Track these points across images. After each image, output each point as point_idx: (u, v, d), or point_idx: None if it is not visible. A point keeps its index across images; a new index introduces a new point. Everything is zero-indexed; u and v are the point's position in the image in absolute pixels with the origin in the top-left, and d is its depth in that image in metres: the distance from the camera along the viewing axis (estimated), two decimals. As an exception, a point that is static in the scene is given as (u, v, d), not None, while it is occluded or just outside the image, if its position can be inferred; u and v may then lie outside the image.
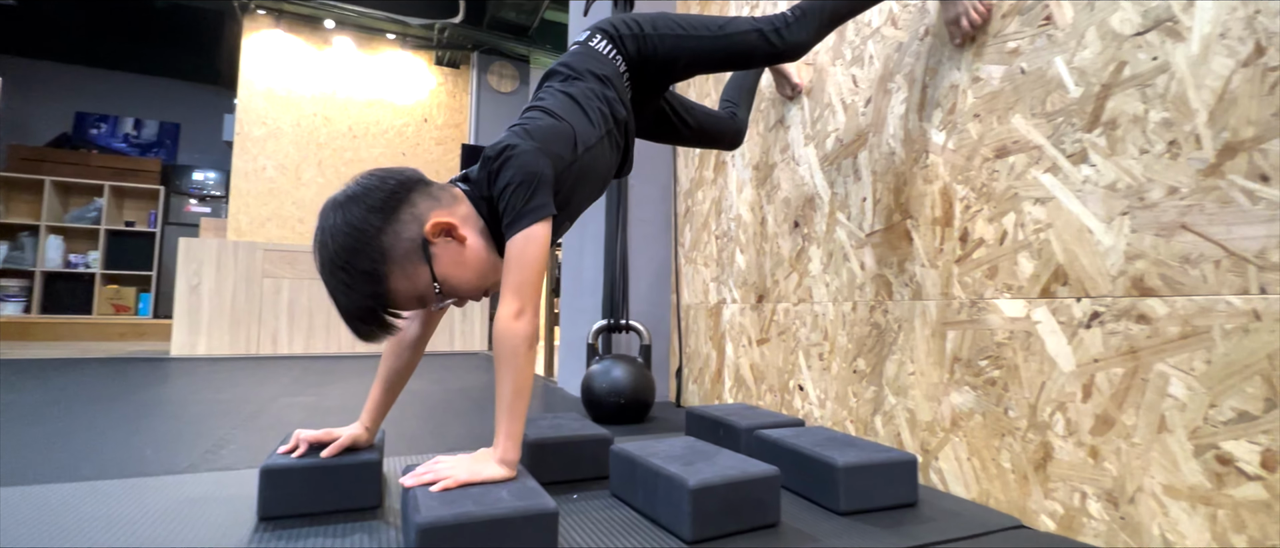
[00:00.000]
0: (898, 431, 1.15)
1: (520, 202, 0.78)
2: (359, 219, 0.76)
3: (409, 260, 0.78)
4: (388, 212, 0.77)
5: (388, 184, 0.79)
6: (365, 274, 0.76)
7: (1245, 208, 0.70)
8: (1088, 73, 0.86)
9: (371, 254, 0.76)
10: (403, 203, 0.79)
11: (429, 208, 0.81)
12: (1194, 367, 0.73)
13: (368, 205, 0.77)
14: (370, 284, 0.77)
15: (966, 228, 1.03)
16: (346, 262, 0.75)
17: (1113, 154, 0.83)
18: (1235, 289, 0.70)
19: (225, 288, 3.98)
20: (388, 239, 0.77)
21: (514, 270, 0.77)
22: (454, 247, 0.81)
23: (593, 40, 1.06)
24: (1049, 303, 0.90)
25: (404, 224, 0.78)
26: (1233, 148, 0.71)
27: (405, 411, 1.89)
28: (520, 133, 0.86)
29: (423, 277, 0.79)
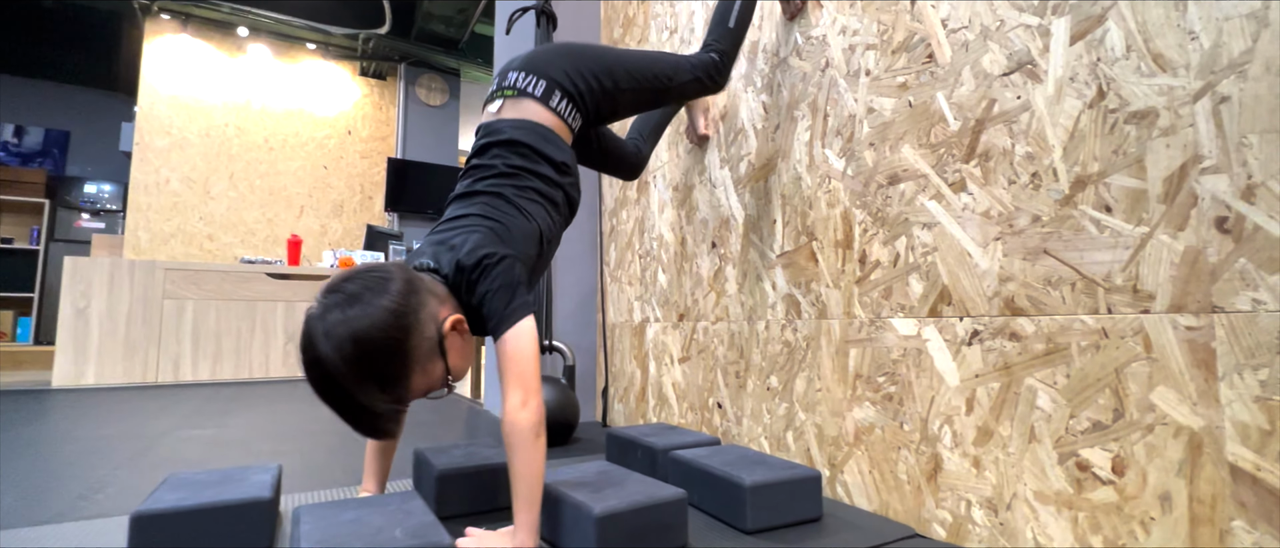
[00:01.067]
0: (808, 446, 1.19)
1: (502, 305, 0.81)
2: (387, 326, 0.73)
3: (430, 359, 0.79)
4: (413, 312, 0.77)
5: (402, 282, 0.78)
6: (392, 379, 0.75)
7: (1094, 235, 0.77)
8: (964, 108, 0.93)
9: (401, 360, 0.75)
10: (422, 305, 0.79)
11: (437, 306, 0.82)
12: (1057, 381, 0.79)
13: (395, 307, 0.75)
14: (395, 387, 0.76)
15: (865, 250, 1.09)
16: (373, 369, 0.73)
17: (986, 183, 0.89)
18: (1088, 309, 0.77)
19: (118, 311, 3.66)
20: (414, 341, 0.76)
21: (513, 364, 0.79)
22: (459, 339, 0.84)
23: (553, 99, 1.05)
24: (936, 322, 0.96)
25: (426, 325, 0.78)
26: (1083, 181, 0.78)
27: (314, 441, 1.79)
28: (492, 236, 0.90)
29: (438, 371, 0.81)
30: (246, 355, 3.95)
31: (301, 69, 5.57)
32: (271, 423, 2.10)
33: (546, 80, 1.06)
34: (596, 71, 1.09)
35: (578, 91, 1.07)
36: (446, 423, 2.09)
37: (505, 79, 1.08)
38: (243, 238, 5.23)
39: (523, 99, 1.05)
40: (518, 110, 1.04)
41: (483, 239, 0.88)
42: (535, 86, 1.05)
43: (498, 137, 1.01)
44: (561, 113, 1.06)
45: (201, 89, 5.17)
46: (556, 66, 1.08)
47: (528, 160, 1.00)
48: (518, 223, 0.94)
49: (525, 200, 0.97)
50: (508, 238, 0.91)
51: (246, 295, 3.99)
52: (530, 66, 1.08)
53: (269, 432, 1.93)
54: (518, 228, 0.94)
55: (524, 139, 1.00)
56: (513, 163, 0.99)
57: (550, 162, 1.01)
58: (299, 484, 1.28)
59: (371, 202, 5.75)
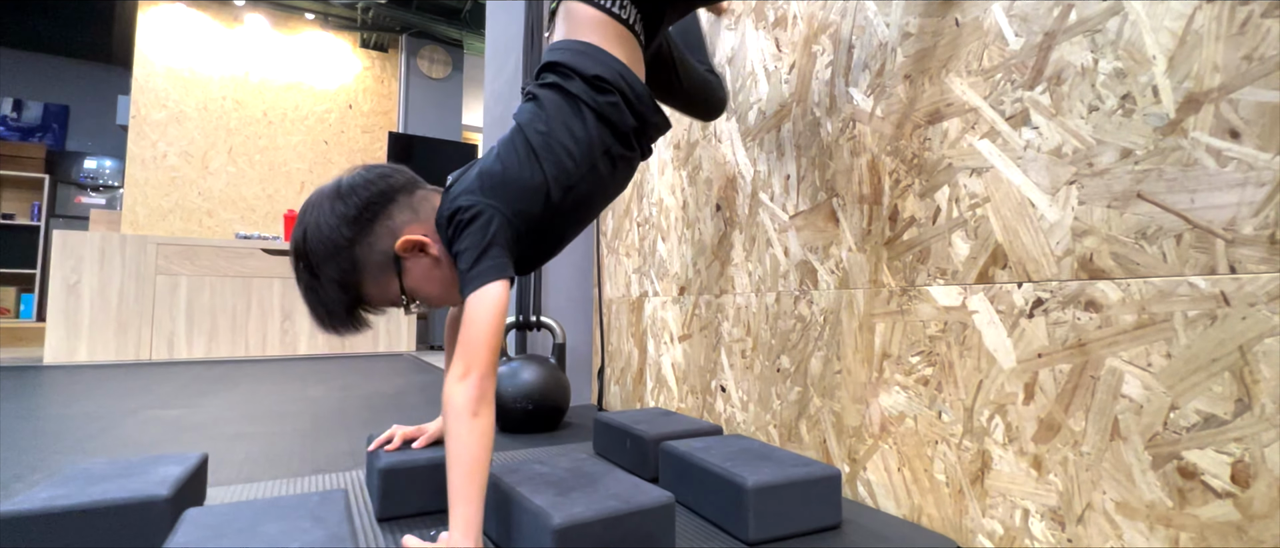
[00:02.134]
0: (823, 436, 1.02)
1: (467, 265, 0.74)
2: (332, 228, 0.76)
3: (382, 272, 0.78)
4: (362, 224, 0.76)
5: (370, 189, 0.78)
6: (334, 282, 0.76)
7: (1211, 170, 0.58)
8: (1029, 20, 0.74)
9: (341, 264, 0.76)
10: (380, 215, 0.78)
11: (405, 222, 0.79)
12: (1152, 362, 0.61)
13: (342, 215, 0.76)
14: (337, 290, 0.77)
15: (896, 206, 0.91)
16: (317, 266, 0.76)
17: (1057, 114, 0.71)
18: (1200, 268, 0.58)
19: (110, 287, 3.56)
20: (360, 251, 0.76)
21: (464, 330, 0.71)
22: (426, 261, 0.80)
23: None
24: (987, 289, 0.77)
25: (378, 237, 0.77)
26: (1196, 99, 0.59)
27: (284, 423, 1.65)
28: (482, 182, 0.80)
29: (392, 288, 0.79)
30: (242, 333, 3.84)
31: (300, 41, 5.41)
32: (248, 404, 1.97)
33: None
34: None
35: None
36: (437, 407, 1.95)
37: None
38: (243, 214, 5.12)
39: (572, 4, 0.87)
40: (567, 23, 0.88)
41: (469, 184, 0.80)
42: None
43: (539, 81, 0.87)
44: (608, 7, 0.86)
45: (198, 61, 5.03)
46: None
47: (559, 77, 0.83)
48: (519, 174, 0.80)
49: (542, 144, 0.81)
50: (497, 188, 0.79)
51: (242, 271, 3.88)
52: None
53: (242, 414, 1.80)
54: (516, 179, 0.80)
55: (557, 59, 0.85)
56: (543, 81, 0.85)
57: (580, 75, 0.82)
58: (245, 474, 1.13)
59: (373, 178, 5.60)
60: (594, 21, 0.86)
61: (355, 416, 1.79)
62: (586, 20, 0.86)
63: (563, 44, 0.86)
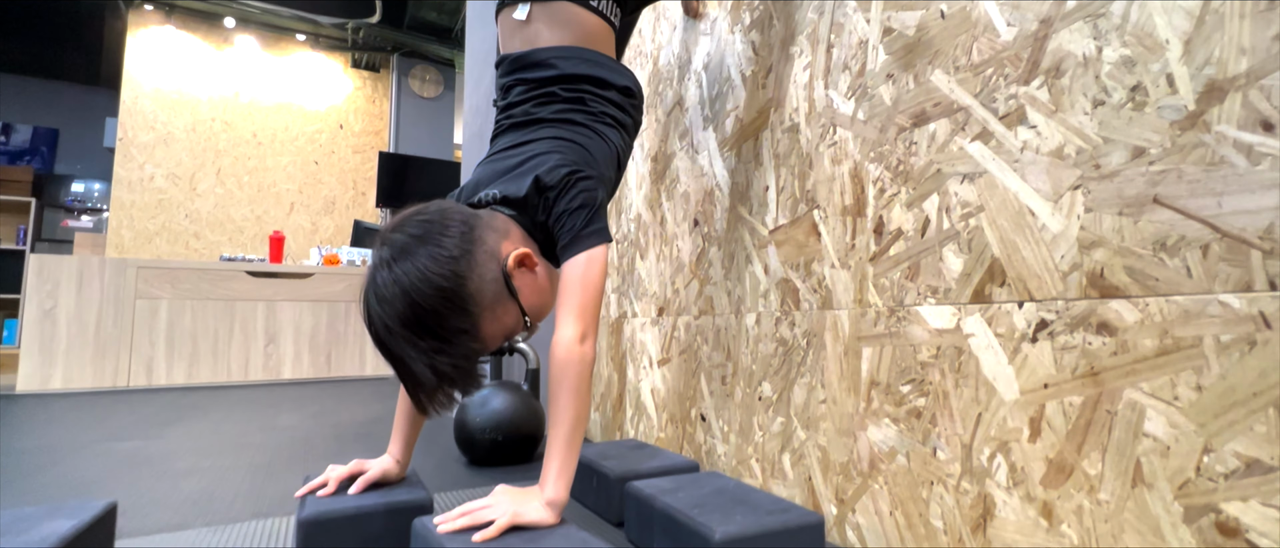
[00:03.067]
0: (808, 473, 0.92)
1: (581, 224, 0.75)
2: (437, 274, 0.67)
3: (498, 301, 0.72)
4: (466, 257, 0.70)
5: (451, 225, 0.71)
6: (461, 332, 0.68)
7: (1241, 169, 0.49)
8: (1022, 7, 0.66)
9: (463, 307, 0.68)
10: (477, 242, 0.72)
11: (497, 241, 0.75)
12: (1179, 395, 0.52)
13: (439, 255, 0.68)
14: (467, 340, 0.69)
15: (881, 217, 0.82)
16: (437, 323, 0.67)
17: (1058, 110, 0.62)
18: (1233, 284, 0.50)
19: (88, 312, 3.47)
20: (474, 285, 0.70)
21: (576, 292, 0.72)
22: (530, 276, 0.77)
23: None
24: (983, 310, 0.69)
25: (484, 265, 0.71)
26: (1219, 88, 0.51)
27: (241, 457, 1.55)
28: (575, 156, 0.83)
29: (512, 314, 0.74)
30: (224, 358, 3.74)
31: (291, 61, 5.39)
32: (211, 435, 1.87)
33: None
34: None
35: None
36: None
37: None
38: (231, 236, 5.06)
39: (575, 10, 0.92)
40: (552, 18, 0.91)
41: (565, 158, 0.81)
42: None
43: (545, 72, 0.89)
44: (604, 12, 0.94)
45: (187, 82, 5.00)
46: None
47: (595, 87, 0.91)
48: (597, 146, 0.87)
49: (600, 125, 0.89)
50: (590, 161, 0.84)
51: (224, 295, 3.79)
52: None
53: (200, 446, 1.70)
54: (598, 151, 0.87)
55: (581, 72, 0.90)
56: (578, 90, 0.89)
57: (615, 88, 0.92)
58: (177, 520, 1.03)
59: (365, 198, 5.55)
60: (597, 28, 0.93)
61: (320, 448, 1.69)
62: (589, 26, 0.92)
63: (579, 54, 0.91)
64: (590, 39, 0.92)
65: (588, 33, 0.92)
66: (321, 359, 3.99)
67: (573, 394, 0.71)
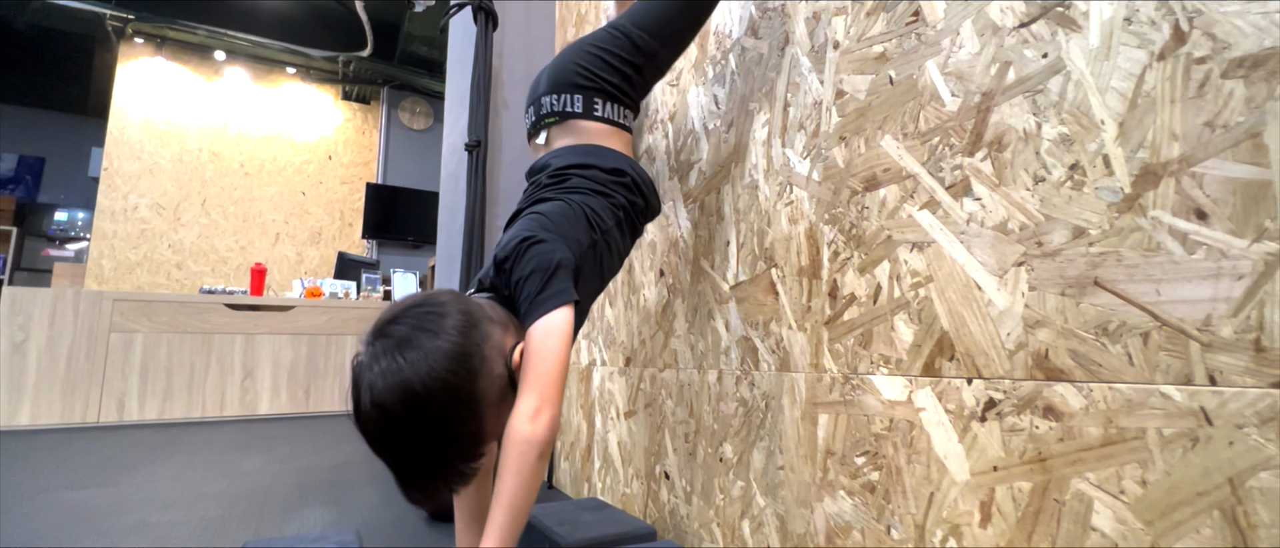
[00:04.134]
0: (767, 542, 0.89)
1: (535, 289, 0.72)
2: (446, 374, 0.62)
3: (502, 400, 0.69)
4: (476, 357, 0.66)
5: (458, 319, 0.66)
6: (470, 436, 0.65)
7: (1178, 257, 0.48)
8: (965, 78, 0.66)
9: (472, 408, 0.65)
10: (485, 338, 0.68)
11: (501, 334, 0.71)
12: (1125, 489, 0.50)
13: (447, 354, 0.63)
14: (471, 442, 0.65)
15: (836, 280, 0.80)
16: (444, 424, 0.63)
17: (1001, 184, 0.61)
18: (1174, 376, 0.48)
19: (60, 345, 3.40)
20: (483, 384, 0.66)
21: (533, 363, 0.68)
22: None
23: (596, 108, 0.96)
24: (934, 383, 0.66)
25: (492, 362, 0.68)
26: (1153, 173, 0.50)
27: (194, 511, 1.49)
28: (529, 225, 0.80)
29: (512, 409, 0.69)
30: (199, 393, 3.66)
31: (281, 93, 5.41)
32: (170, 482, 1.81)
33: (581, 93, 0.96)
34: (621, 51, 0.97)
35: (615, 86, 0.97)
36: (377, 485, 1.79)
37: (541, 107, 0.99)
38: (214, 266, 5.01)
39: (567, 121, 0.97)
40: (565, 135, 0.97)
41: (521, 230, 0.79)
42: (572, 103, 0.96)
43: (543, 173, 0.93)
44: (611, 118, 0.97)
45: (175, 113, 5.01)
46: (582, 71, 0.97)
47: (579, 170, 0.91)
48: (557, 210, 0.84)
49: (572, 194, 0.88)
50: (548, 225, 0.81)
51: (202, 327, 3.73)
52: (557, 82, 0.98)
53: (155, 495, 1.64)
54: (558, 214, 0.83)
55: (569, 161, 0.92)
56: (561, 175, 0.91)
57: (600, 168, 0.91)
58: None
59: (351, 229, 5.53)
60: (601, 132, 0.96)
61: (280, 497, 1.63)
62: (594, 131, 0.96)
63: (574, 148, 0.94)
64: (600, 141, 0.96)
65: (595, 138, 0.96)
66: (300, 394, 3.92)
67: (513, 474, 0.65)
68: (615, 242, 0.90)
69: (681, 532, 1.08)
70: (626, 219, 0.92)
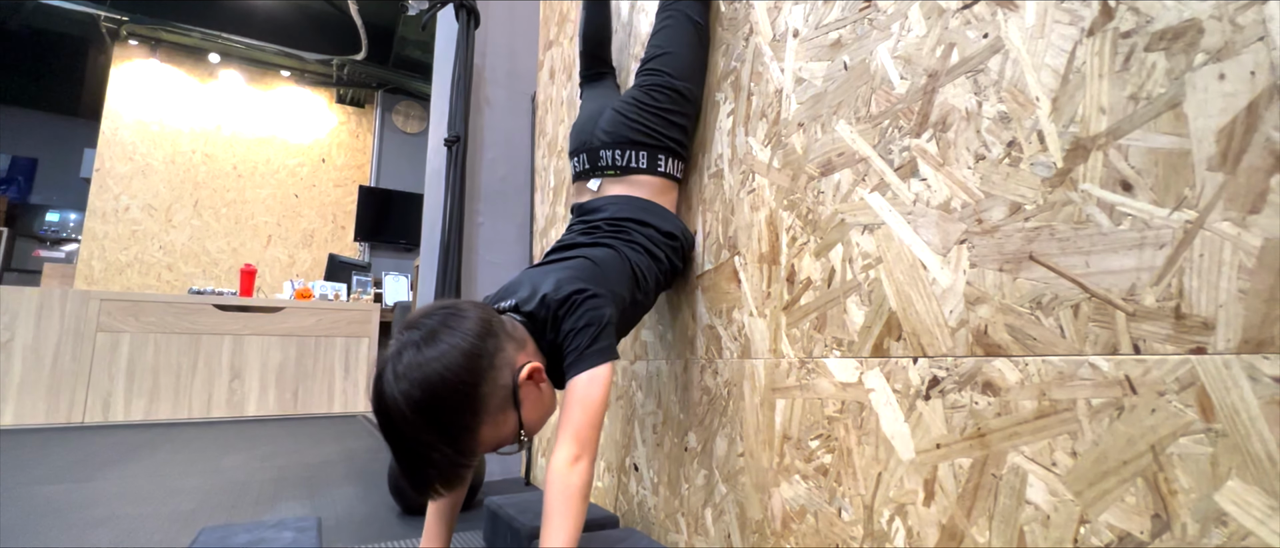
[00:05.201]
0: (728, 530, 0.88)
1: (585, 342, 0.76)
2: (458, 370, 0.67)
3: (502, 409, 0.72)
4: (488, 360, 0.70)
5: (474, 327, 0.71)
6: (464, 430, 0.69)
7: (1105, 228, 0.48)
8: (913, 61, 0.66)
9: (472, 407, 0.69)
10: (498, 349, 0.72)
11: (515, 351, 0.75)
12: (1057, 461, 0.50)
13: (465, 352, 0.69)
14: (466, 439, 0.69)
15: (793, 265, 0.81)
16: (443, 418, 0.67)
17: (944, 164, 0.62)
18: (1101, 347, 0.48)
19: (45, 345, 3.39)
20: (486, 389, 0.70)
21: (575, 413, 0.73)
22: (536, 390, 0.77)
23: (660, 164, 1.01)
24: (883, 364, 0.67)
25: (499, 370, 0.72)
26: (1083, 146, 0.50)
27: (167, 505, 1.48)
28: (584, 273, 0.84)
29: (510, 423, 0.73)
30: (186, 393, 3.65)
31: (275, 95, 5.43)
32: (147, 477, 1.80)
33: (646, 150, 1.00)
34: (677, 107, 1.00)
35: (677, 141, 1.01)
36: (357, 480, 1.78)
37: (599, 159, 1.02)
38: (205, 268, 5.00)
39: (629, 174, 1.01)
40: (621, 185, 1.01)
41: (573, 275, 0.83)
42: (638, 159, 1.00)
43: (599, 214, 0.98)
44: (671, 173, 1.02)
45: (169, 115, 5.02)
46: (645, 129, 1.00)
47: (637, 225, 0.96)
48: (613, 262, 0.89)
49: (627, 248, 0.92)
50: (601, 278, 0.84)
51: (189, 328, 3.71)
52: (618, 137, 1.01)
53: (129, 490, 1.63)
54: (612, 266, 0.88)
55: (629, 214, 0.96)
56: (619, 225, 0.95)
57: (657, 229, 0.96)
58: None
59: (344, 232, 5.52)
60: (659, 187, 1.01)
61: (254, 493, 1.62)
62: (653, 186, 1.00)
63: (633, 202, 0.98)
64: (656, 195, 1.00)
65: (653, 191, 1.00)
66: (288, 396, 3.90)
67: (560, 518, 0.69)
68: (649, 300, 0.96)
69: (649, 523, 1.08)
70: (665, 280, 0.98)
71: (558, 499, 0.70)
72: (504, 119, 1.92)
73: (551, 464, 0.73)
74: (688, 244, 1.01)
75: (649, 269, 0.93)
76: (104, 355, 3.49)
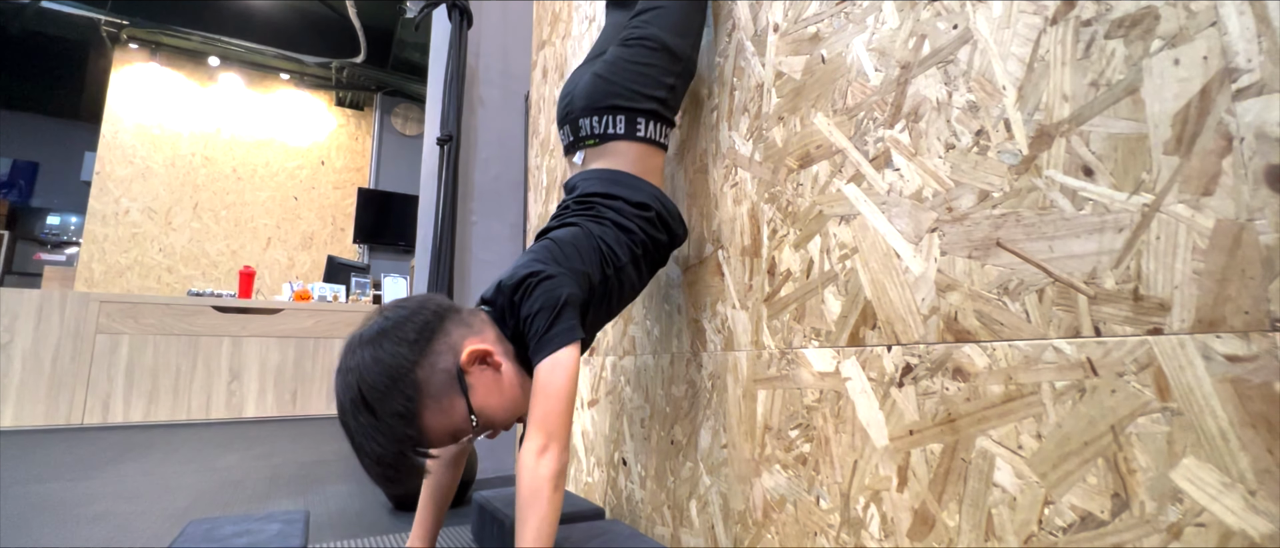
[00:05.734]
0: (712, 522, 0.89)
1: (542, 326, 0.73)
2: (390, 354, 0.69)
3: (445, 394, 0.71)
4: (422, 343, 0.71)
5: (420, 314, 0.73)
6: (397, 416, 0.68)
7: (1068, 214, 0.49)
8: (887, 53, 0.67)
9: (405, 391, 0.68)
10: (437, 332, 0.72)
11: (462, 336, 0.74)
12: (1023, 444, 0.51)
13: (398, 338, 0.70)
14: (402, 425, 0.68)
15: (774, 257, 0.81)
16: (376, 402, 0.68)
17: (917, 153, 0.63)
18: (1064, 330, 0.49)
19: (45, 347, 3.40)
20: (422, 372, 0.70)
21: (539, 401, 0.71)
22: (489, 374, 0.75)
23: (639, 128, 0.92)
24: (859, 353, 0.67)
25: (439, 355, 0.71)
26: (1047, 133, 0.51)
27: (160, 502, 1.49)
28: (541, 255, 0.81)
29: (459, 410, 0.72)
30: (185, 395, 3.66)
31: (274, 98, 5.45)
32: (142, 476, 1.81)
33: (623, 114, 0.93)
34: (663, 64, 0.93)
35: (660, 102, 0.93)
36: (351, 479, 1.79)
37: (579, 128, 0.96)
38: (204, 270, 5.02)
39: (607, 142, 0.94)
40: (601, 157, 0.94)
41: (530, 259, 0.81)
42: (614, 124, 0.93)
43: (572, 194, 0.94)
44: (653, 138, 0.94)
45: (169, 118, 5.04)
46: (624, 91, 0.92)
47: (604, 199, 0.90)
48: (576, 239, 0.84)
49: (590, 221, 0.87)
50: (561, 257, 0.81)
51: (188, 330, 3.73)
52: (595, 102, 0.94)
53: (124, 489, 1.64)
54: (575, 244, 0.83)
55: (596, 189, 0.91)
56: (587, 201, 0.90)
57: (627, 201, 0.89)
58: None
59: (344, 234, 5.54)
60: (639, 153, 0.93)
61: (248, 491, 1.63)
62: (631, 153, 0.93)
63: (604, 175, 0.92)
64: (635, 164, 0.94)
65: (632, 160, 0.94)
66: (287, 397, 3.91)
67: (531, 511, 0.67)
68: (629, 277, 0.88)
69: (636, 517, 1.09)
70: (645, 255, 0.90)
71: (526, 493, 0.68)
72: (497, 118, 1.93)
73: (520, 457, 0.71)
74: (668, 214, 0.92)
75: (619, 243, 0.87)
76: (103, 357, 3.50)
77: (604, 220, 0.88)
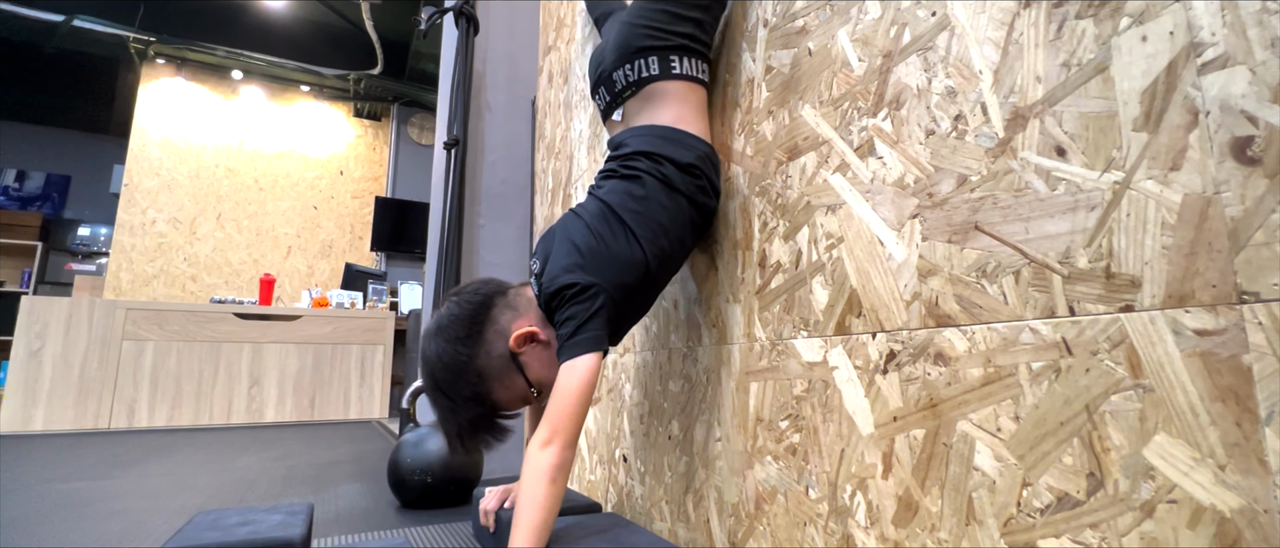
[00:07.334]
0: (707, 515, 0.89)
1: (568, 333, 0.79)
2: (449, 353, 0.81)
3: (505, 374, 0.82)
4: (474, 338, 0.82)
5: (468, 309, 0.84)
6: (468, 400, 0.81)
7: (1042, 195, 0.49)
8: (869, 42, 0.67)
9: (469, 380, 0.81)
10: (486, 323, 0.83)
11: (510, 320, 0.84)
12: (1001, 426, 0.51)
13: (453, 336, 0.82)
14: (476, 405, 0.82)
15: (764, 250, 0.82)
16: (449, 390, 0.81)
17: (898, 141, 0.63)
18: (1040, 311, 0.49)
19: (74, 353, 3.50)
20: (480, 362, 0.81)
21: (553, 399, 0.77)
22: (539, 349, 0.84)
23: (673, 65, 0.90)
24: (845, 341, 0.67)
25: (491, 343, 0.82)
26: (1022, 115, 0.51)
27: (176, 500, 1.53)
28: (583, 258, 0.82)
29: (519, 384, 0.83)
30: (207, 400, 3.74)
31: (295, 110, 5.58)
32: (161, 476, 1.85)
33: (655, 53, 0.89)
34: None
35: (690, 36, 0.90)
36: (346, 479, 1.82)
37: (614, 84, 0.94)
38: (227, 279, 5.13)
39: (645, 88, 0.91)
40: (644, 107, 0.92)
41: (572, 263, 0.83)
42: (648, 67, 0.90)
43: (620, 151, 0.92)
44: (690, 74, 0.91)
45: (193, 131, 5.18)
46: (650, 31, 0.90)
47: (651, 162, 0.87)
48: (618, 249, 0.84)
49: (638, 222, 0.85)
50: (598, 266, 0.83)
51: (211, 336, 3.81)
52: (625, 51, 0.91)
53: (143, 488, 1.68)
54: (617, 254, 0.84)
55: (643, 146, 0.89)
56: (633, 168, 0.88)
57: (675, 163, 0.86)
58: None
59: (361, 242, 5.63)
60: (681, 92, 0.90)
61: (262, 490, 1.67)
62: (674, 94, 0.90)
63: (650, 132, 0.89)
64: (679, 106, 0.90)
65: (675, 102, 0.90)
66: (305, 402, 3.97)
67: (527, 498, 0.73)
68: (673, 258, 0.87)
69: (636, 513, 1.09)
70: (691, 227, 0.88)
71: (527, 480, 0.74)
72: (504, 123, 1.96)
73: (527, 449, 0.77)
74: (714, 171, 0.89)
75: (660, 248, 0.85)
76: (129, 363, 3.60)
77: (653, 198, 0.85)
